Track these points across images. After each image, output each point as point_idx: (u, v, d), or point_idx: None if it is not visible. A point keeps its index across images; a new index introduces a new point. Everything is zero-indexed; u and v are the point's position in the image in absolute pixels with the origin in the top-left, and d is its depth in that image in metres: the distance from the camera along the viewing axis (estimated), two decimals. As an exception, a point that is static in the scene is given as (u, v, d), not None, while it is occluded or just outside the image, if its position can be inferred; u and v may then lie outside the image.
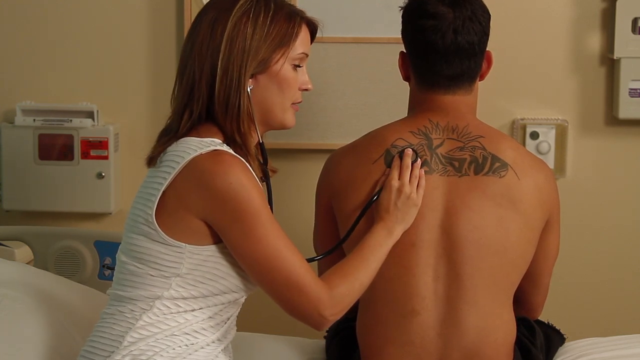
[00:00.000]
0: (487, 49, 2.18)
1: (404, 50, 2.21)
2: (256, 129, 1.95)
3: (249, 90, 1.91)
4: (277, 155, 2.90)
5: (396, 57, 2.25)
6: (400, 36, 2.21)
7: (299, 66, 1.98)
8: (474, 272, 2.05)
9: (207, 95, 1.91)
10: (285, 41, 1.94)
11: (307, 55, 1.99)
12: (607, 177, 2.94)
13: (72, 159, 2.93)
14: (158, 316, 1.88)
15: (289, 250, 1.88)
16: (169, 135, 1.93)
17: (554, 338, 2.33)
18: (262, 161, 1.99)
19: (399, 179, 2.06)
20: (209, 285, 1.89)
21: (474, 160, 2.10)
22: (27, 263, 2.79)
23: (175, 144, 1.90)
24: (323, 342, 2.37)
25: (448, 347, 2.06)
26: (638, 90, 2.83)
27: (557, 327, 2.36)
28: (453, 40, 2.11)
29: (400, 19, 2.20)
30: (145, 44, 2.96)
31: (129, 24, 2.96)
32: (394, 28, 2.40)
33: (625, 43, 2.81)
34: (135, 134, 2.99)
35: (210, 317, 1.92)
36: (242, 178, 1.84)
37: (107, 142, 2.92)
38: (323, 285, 1.90)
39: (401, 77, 2.26)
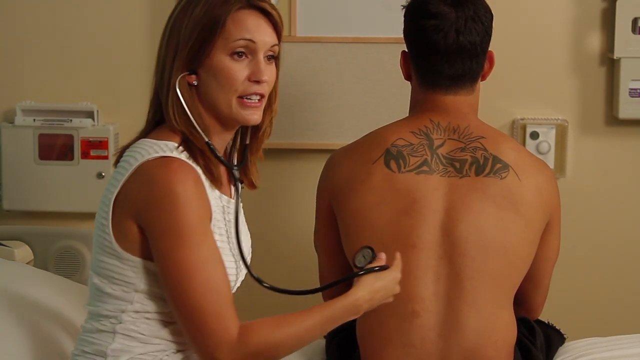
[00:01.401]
0: (489, 49, 2.18)
1: (406, 50, 2.21)
2: (196, 128, 1.82)
3: (177, 87, 1.81)
4: (277, 155, 2.91)
5: (396, 57, 2.25)
6: (401, 36, 2.22)
7: (242, 54, 1.83)
8: (475, 273, 2.05)
9: (156, 93, 1.88)
10: (213, 30, 1.80)
11: (252, 41, 1.82)
12: (607, 177, 2.93)
13: (72, 159, 2.93)
14: (132, 328, 1.82)
15: (205, 283, 1.74)
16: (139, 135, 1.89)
17: (554, 338, 2.33)
18: (229, 164, 1.91)
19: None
20: None
21: (475, 161, 2.10)
22: (27, 263, 2.79)
23: (132, 147, 1.84)
24: (323, 342, 2.37)
25: (448, 348, 2.06)
26: (638, 90, 2.83)
27: (557, 327, 2.36)
28: (455, 40, 2.11)
29: (402, 19, 2.20)
30: (146, 44, 2.95)
31: (129, 24, 2.95)
32: (394, 28, 2.40)
33: (625, 43, 2.81)
34: (135, 134, 2.98)
35: None
36: (186, 189, 1.75)
37: (107, 142, 2.92)
38: (232, 333, 1.75)
39: (401, 78, 2.26)
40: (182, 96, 1.82)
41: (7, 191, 2.97)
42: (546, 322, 2.36)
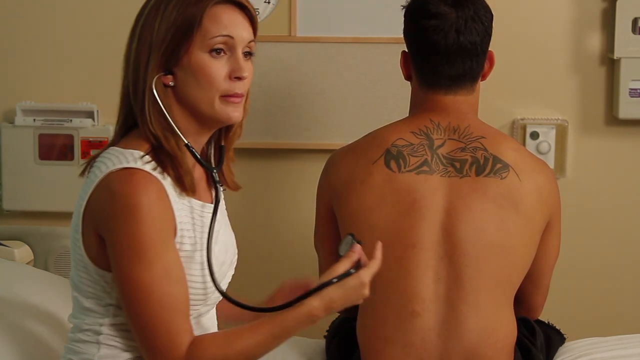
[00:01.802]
0: (489, 49, 2.18)
1: (406, 50, 2.21)
2: (175, 130, 1.76)
3: (154, 88, 1.74)
4: (277, 155, 2.91)
5: (396, 57, 2.25)
6: (401, 36, 2.22)
7: (221, 51, 1.77)
8: (475, 273, 2.05)
9: (126, 97, 1.81)
10: (189, 28, 1.74)
11: (230, 37, 1.76)
12: (607, 177, 2.93)
13: (72, 159, 2.93)
14: (113, 338, 1.80)
15: (158, 300, 1.70)
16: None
17: (554, 338, 2.33)
18: (208, 166, 1.85)
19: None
20: None
21: (475, 161, 2.10)
22: (27, 263, 2.79)
23: (100, 156, 1.78)
24: (323, 342, 2.37)
25: (449, 348, 2.06)
26: (638, 90, 2.83)
27: (557, 327, 2.36)
28: (455, 41, 2.11)
29: (402, 19, 2.20)
30: (145, 44, 2.95)
31: (129, 24, 2.94)
32: (394, 28, 2.40)
33: (625, 43, 2.81)
34: (135, 134, 2.98)
35: None
36: (148, 202, 1.69)
37: (107, 142, 2.91)
38: (182, 350, 1.71)
39: (401, 78, 2.26)
40: (158, 98, 1.76)
41: (7, 191, 2.97)
42: (546, 322, 2.36)
